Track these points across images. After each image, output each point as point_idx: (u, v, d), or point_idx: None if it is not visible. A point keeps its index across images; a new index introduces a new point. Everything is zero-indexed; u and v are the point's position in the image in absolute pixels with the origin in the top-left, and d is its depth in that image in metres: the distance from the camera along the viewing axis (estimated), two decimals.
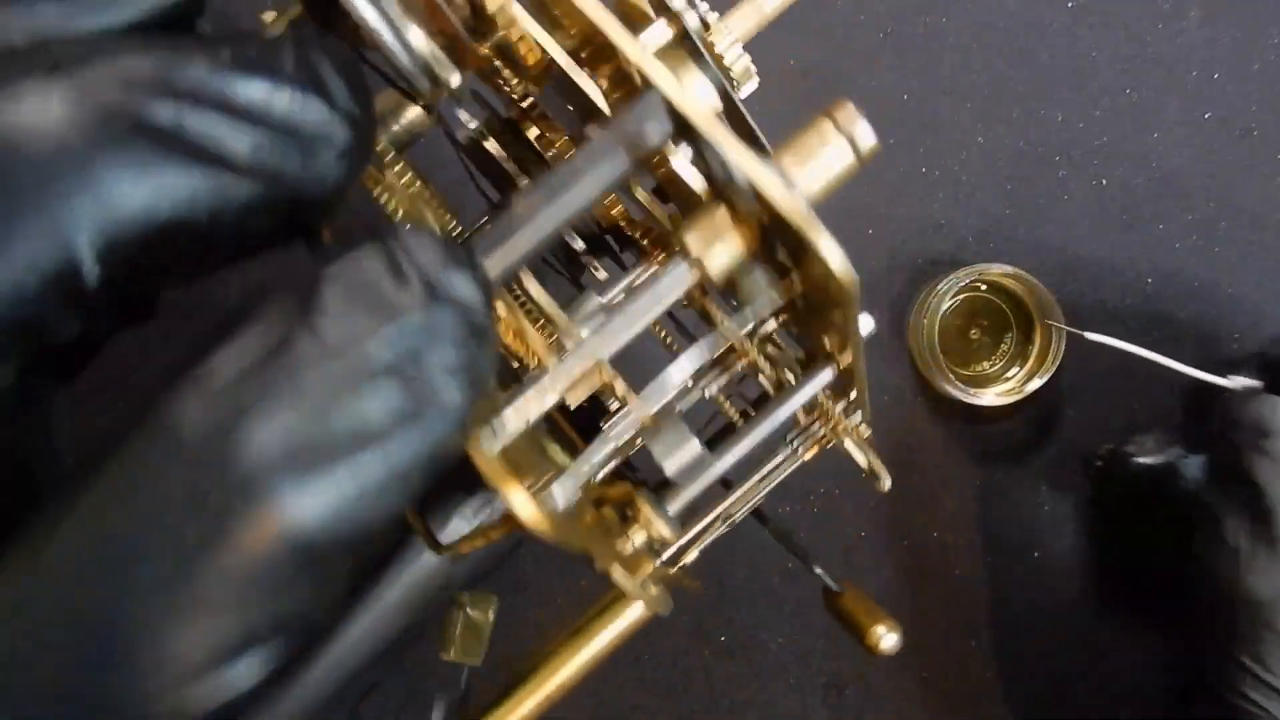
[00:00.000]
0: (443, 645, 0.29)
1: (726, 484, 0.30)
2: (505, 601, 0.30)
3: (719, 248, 0.22)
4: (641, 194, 0.26)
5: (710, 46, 0.25)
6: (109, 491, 0.17)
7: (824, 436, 0.28)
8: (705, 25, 0.25)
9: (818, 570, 0.34)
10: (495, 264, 0.21)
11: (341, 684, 0.25)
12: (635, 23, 0.27)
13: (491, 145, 0.27)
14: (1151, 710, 0.49)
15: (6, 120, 0.17)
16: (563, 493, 0.23)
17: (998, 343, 0.51)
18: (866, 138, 0.22)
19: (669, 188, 0.28)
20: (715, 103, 0.23)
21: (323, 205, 0.20)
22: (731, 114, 0.27)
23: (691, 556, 0.27)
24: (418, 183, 0.26)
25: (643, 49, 0.21)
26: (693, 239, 0.22)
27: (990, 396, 0.49)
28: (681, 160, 0.23)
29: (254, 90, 0.19)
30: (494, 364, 0.19)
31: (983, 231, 0.51)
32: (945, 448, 0.50)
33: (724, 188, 0.21)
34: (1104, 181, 0.51)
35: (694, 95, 0.22)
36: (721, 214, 0.22)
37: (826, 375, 0.25)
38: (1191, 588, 0.45)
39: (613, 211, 0.28)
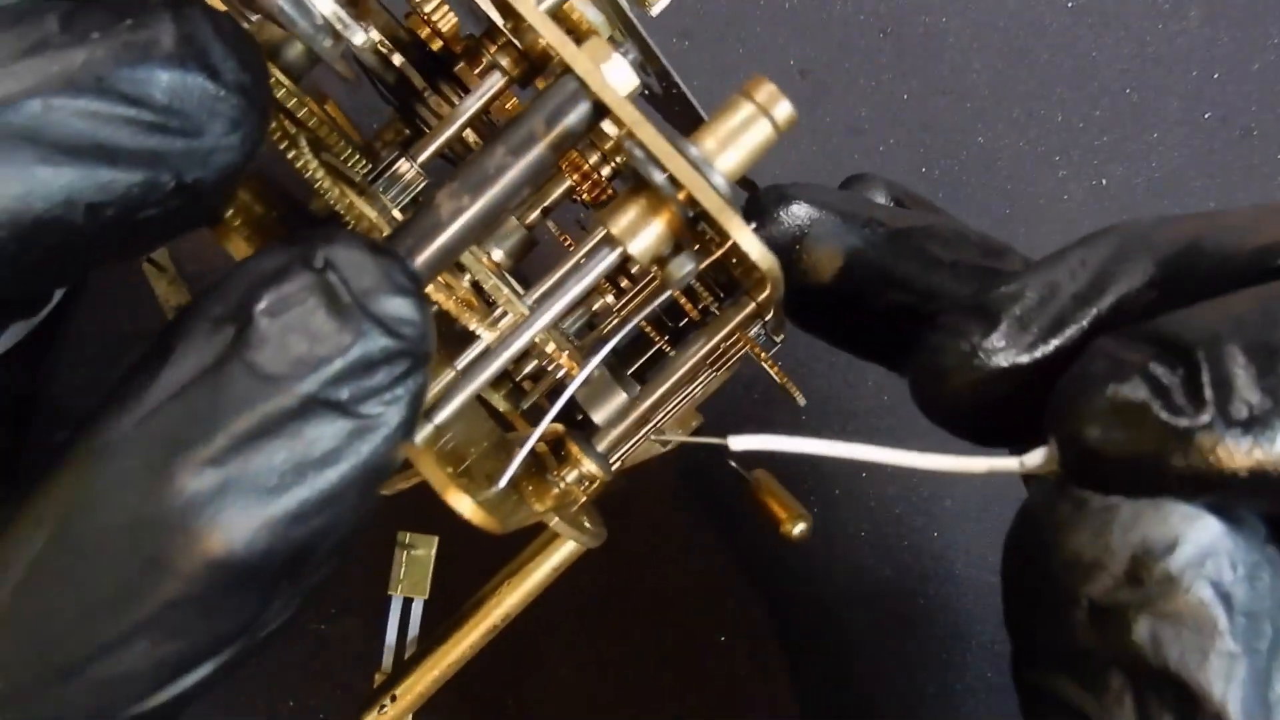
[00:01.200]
0: (390, 583, 0.31)
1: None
2: (445, 539, 0.32)
3: (642, 233, 0.22)
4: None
5: None
6: (57, 518, 0.17)
7: (738, 357, 0.30)
8: None
9: (733, 463, 0.37)
10: (424, 267, 0.21)
11: None
12: None
13: (395, 58, 0.27)
14: None
15: None
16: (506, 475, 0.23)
17: None
18: (785, 113, 0.22)
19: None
20: (632, 82, 0.22)
21: (221, 185, 0.19)
22: (658, 72, 0.26)
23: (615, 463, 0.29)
24: (314, 119, 0.25)
25: (561, 34, 0.21)
26: (617, 226, 0.22)
27: None
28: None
29: (131, 77, 0.17)
30: (429, 378, 0.19)
31: (982, 231, 0.51)
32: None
33: (646, 172, 0.21)
34: (1104, 181, 0.51)
35: (614, 79, 0.21)
36: (643, 198, 0.22)
37: (743, 313, 0.26)
38: None
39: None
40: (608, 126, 0.22)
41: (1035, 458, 0.20)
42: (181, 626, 0.18)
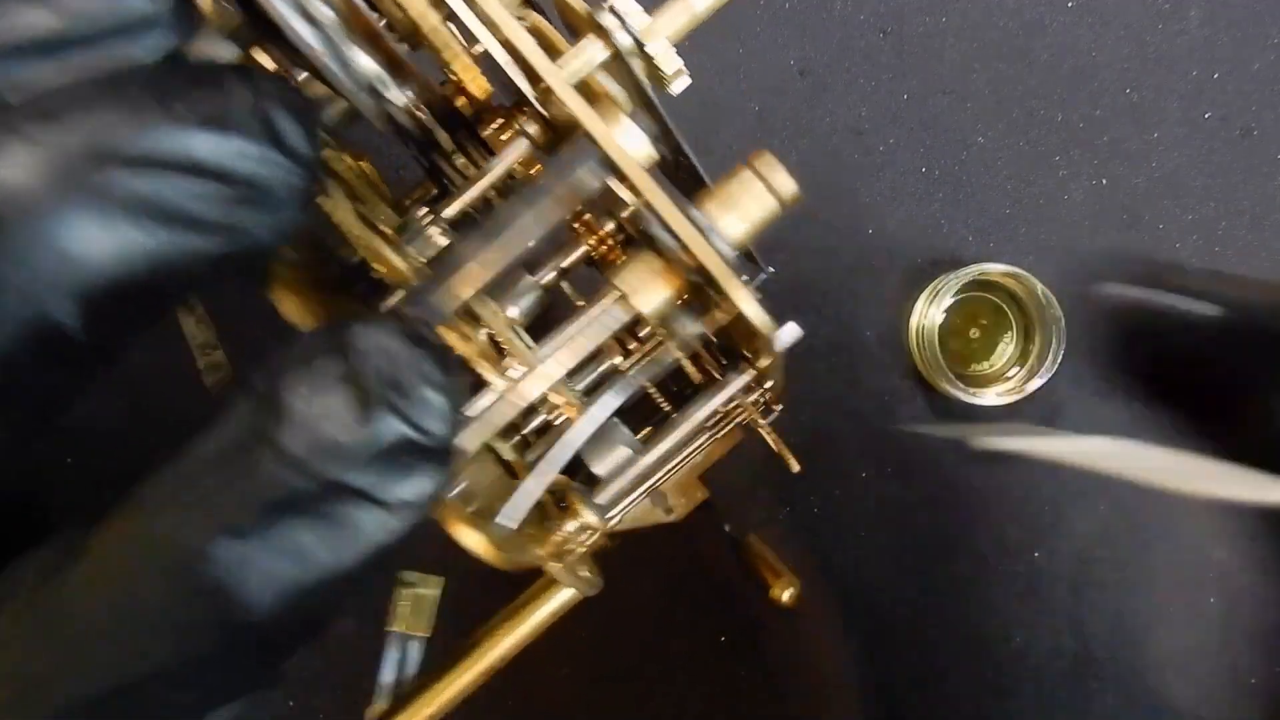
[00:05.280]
0: (389, 619, 0.32)
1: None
2: (453, 582, 0.33)
3: (650, 292, 0.23)
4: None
5: (641, 50, 0.26)
6: (97, 577, 0.18)
7: (739, 422, 0.32)
8: (639, 44, 0.26)
9: (726, 527, 0.39)
10: (447, 305, 0.22)
11: None
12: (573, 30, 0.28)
13: (424, 116, 0.28)
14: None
15: None
16: (513, 515, 0.25)
17: (998, 343, 0.51)
18: (786, 185, 0.24)
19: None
20: (648, 152, 0.23)
21: (275, 245, 0.21)
22: (672, 147, 0.28)
23: (616, 522, 0.31)
24: (350, 171, 0.26)
25: (581, 100, 0.22)
26: (624, 282, 0.23)
27: (990, 396, 0.49)
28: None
29: (215, 148, 0.19)
30: (454, 467, 0.20)
31: (983, 231, 0.51)
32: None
33: (657, 234, 0.23)
34: (1104, 181, 0.51)
35: (627, 145, 0.22)
36: (652, 259, 0.24)
37: (745, 378, 0.28)
38: None
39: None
40: (620, 189, 0.23)
41: None
42: (196, 679, 0.19)
